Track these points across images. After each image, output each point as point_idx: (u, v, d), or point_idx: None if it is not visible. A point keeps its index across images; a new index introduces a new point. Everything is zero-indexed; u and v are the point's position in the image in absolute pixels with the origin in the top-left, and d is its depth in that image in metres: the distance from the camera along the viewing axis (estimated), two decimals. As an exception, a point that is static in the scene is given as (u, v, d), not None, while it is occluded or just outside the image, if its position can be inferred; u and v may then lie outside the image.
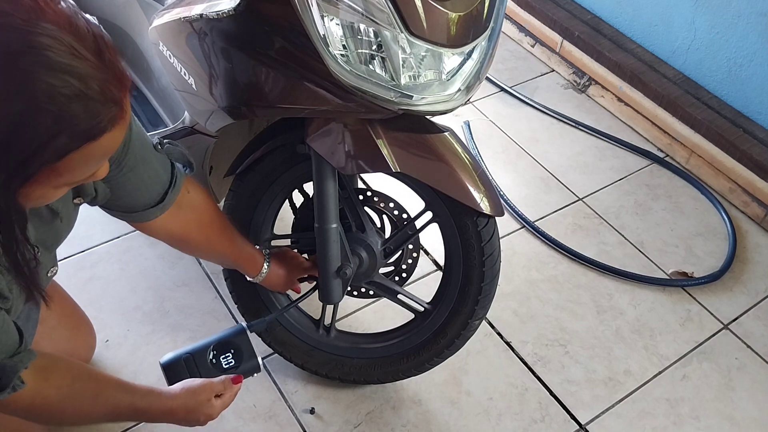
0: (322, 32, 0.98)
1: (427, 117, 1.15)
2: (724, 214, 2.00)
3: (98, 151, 0.73)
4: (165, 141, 1.07)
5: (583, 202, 2.01)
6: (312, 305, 1.58)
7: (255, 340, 1.56)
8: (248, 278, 1.32)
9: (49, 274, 1.03)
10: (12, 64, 0.64)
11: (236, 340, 1.17)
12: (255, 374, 1.17)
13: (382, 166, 1.13)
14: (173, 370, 1.14)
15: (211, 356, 1.15)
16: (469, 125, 2.20)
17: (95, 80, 0.68)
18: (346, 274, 1.27)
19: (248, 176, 1.30)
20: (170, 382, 1.12)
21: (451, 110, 1.11)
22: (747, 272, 1.87)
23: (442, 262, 1.50)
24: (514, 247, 1.87)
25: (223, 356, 1.15)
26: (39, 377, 0.90)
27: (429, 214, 1.28)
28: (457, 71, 1.08)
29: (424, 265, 1.79)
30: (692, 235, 1.95)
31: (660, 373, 1.63)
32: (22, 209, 0.75)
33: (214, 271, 1.71)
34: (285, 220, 1.53)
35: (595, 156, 2.16)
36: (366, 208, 1.34)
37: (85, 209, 1.07)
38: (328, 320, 1.45)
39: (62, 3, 0.68)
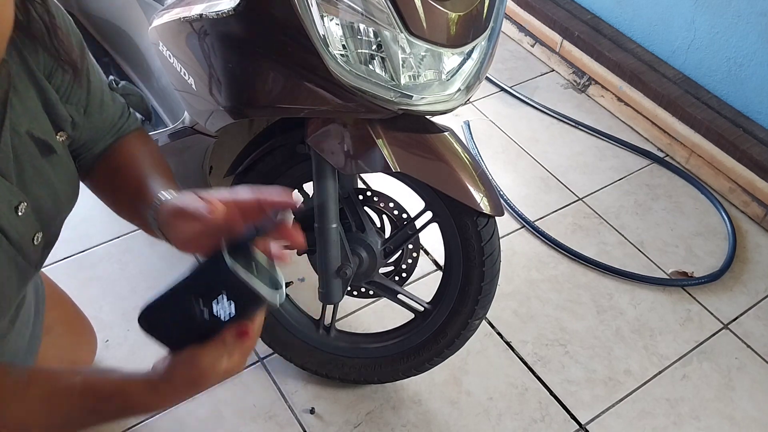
0: (322, 32, 0.98)
1: (427, 117, 1.15)
2: (724, 214, 2.00)
3: None
4: (121, 82, 1.01)
5: (583, 202, 2.01)
6: (312, 305, 1.58)
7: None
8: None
9: (20, 213, 0.80)
10: None
11: (224, 274, 0.72)
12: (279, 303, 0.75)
13: (382, 166, 1.13)
14: (150, 326, 0.76)
15: (197, 304, 0.73)
16: (469, 125, 2.20)
17: None
18: (346, 274, 1.27)
19: (248, 176, 1.30)
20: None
21: (451, 110, 1.11)
22: (747, 272, 1.87)
23: (442, 262, 1.50)
24: (514, 247, 1.87)
25: (215, 303, 0.73)
26: None
27: (429, 214, 1.28)
28: (457, 71, 1.08)
29: (424, 265, 1.79)
30: (692, 235, 1.95)
31: (660, 372, 1.63)
32: None
33: (214, 271, 1.71)
34: (285, 220, 1.53)
35: (595, 156, 2.16)
36: (366, 208, 1.34)
37: (85, 211, 1.07)
38: (328, 320, 1.46)
39: None
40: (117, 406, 0.74)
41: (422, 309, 1.39)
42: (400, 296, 1.39)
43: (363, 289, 1.43)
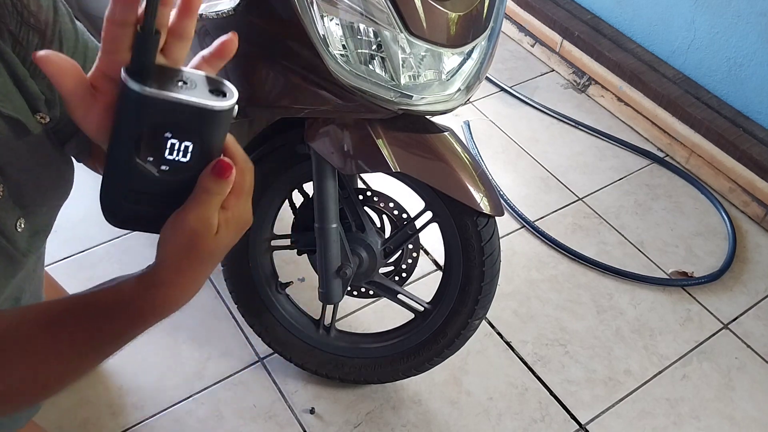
0: (321, 32, 0.98)
1: (427, 117, 1.15)
2: (724, 214, 2.00)
3: None
4: None
5: (583, 201, 2.01)
6: (312, 305, 1.58)
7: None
8: None
9: (18, 229, 0.73)
10: None
11: (151, 111, 0.53)
12: (233, 114, 0.59)
13: (382, 166, 1.13)
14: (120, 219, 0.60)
15: (147, 165, 0.55)
16: (469, 125, 2.20)
17: None
18: (346, 274, 1.27)
19: (248, 176, 1.30)
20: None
21: (451, 110, 1.11)
22: (747, 272, 1.87)
23: (442, 262, 1.50)
24: (514, 247, 1.87)
25: (165, 150, 0.55)
26: None
27: (429, 214, 1.28)
28: (457, 71, 1.08)
29: (424, 265, 1.79)
30: (692, 234, 1.95)
31: (660, 372, 1.63)
32: None
33: (214, 271, 1.71)
34: (285, 220, 1.53)
35: (595, 156, 2.16)
36: (366, 208, 1.34)
37: (85, 211, 1.07)
38: (328, 320, 1.46)
39: None
40: (120, 313, 0.63)
41: (422, 309, 1.39)
42: (400, 296, 1.39)
43: (363, 289, 1.43)
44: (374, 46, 1.00)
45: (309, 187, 1.26)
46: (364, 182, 1.88)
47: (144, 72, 0.53)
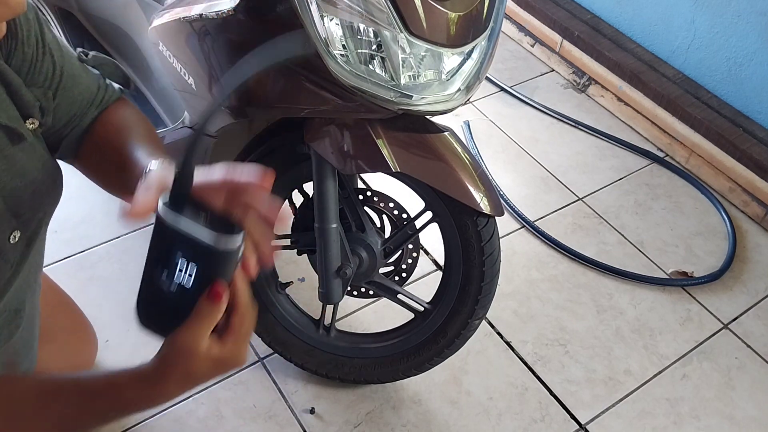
0: (321, 32, 0.98)
1: (427, 117, 1.15)
2: (724, 214, 2.00)
3: None
4: (90, 52, 0.92)
5: (583, 201, 2.01)
6: (312, 305, 1.58)
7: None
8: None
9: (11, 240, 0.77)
10: None
11: (170, 235, 0.65)
12: (239, 255, 0.67)
13: (382, 166, 1.13)
14: (149, 322, 0.71)
15: (164, 277, 0.67)
16: (469, 125, 2.20)
17: None
18: (346, 274, 1.27)
19: (248, 176, 1.30)
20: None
21: (451, 110, 1.11)
22: (747, 272, 1.87)
23: (442, 262, 1.50)
24: (514, 246, 1.87)
25: (176, 269, 0.66)
26: None
27: (429, 214, 1.28)
28: (457, 71, 1.08)
29: (424, 265, 1.79)
30: (692, 234, 1.95)
31: (660, 372, 1.63)
32: None
33: (214, 271, 1.71)
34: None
35: (595, 156, 2.16)
36: (366, 208, 1.34)
37: (85, 211, 1.07)
38: (328, 320, 1.46)
39: None
40: (109, 402, 0.69)
41: (422, 309, 1.39)
42: (400, 296, 1.39)
43: (363, 289, 1.43)
44: (374, 46, 1.00)
45: (309, 187, 1.26)
46: (364, 182, 1.88)
47: (177, 203, 0.65)
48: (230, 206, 0.69)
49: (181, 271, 0.66)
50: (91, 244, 1.74)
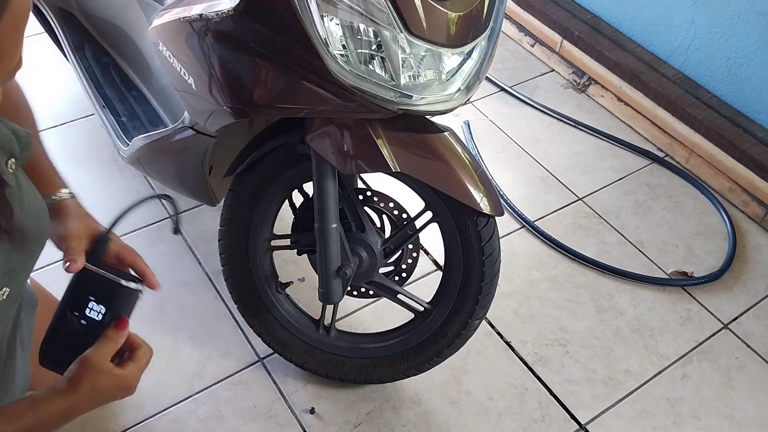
0: (321, 32, 0.98)
1: (427, 117, 1.15)
2: (723, 214, 2.00)
3: (16, 17, 0.64)
4: None
5: (583, 201, 2.01)
6: (312, 305, 1.58)
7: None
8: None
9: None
10: None
11: (87, 282, 0.89)
12: (139, 296, 0.91)
13: (382, 166, 1.13)
14: (52, 360, 0.91)
15: (74, 318, 0.88)
16: (469, 125, 2.20)
17: None
18: (346, 274, 1.27)
19: (248, 176, 1.30)
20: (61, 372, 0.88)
21: (451, 110, 1.11)
22: (747, 272, 1.87)
23: (442, 262, 1.50)
24: (514, 246, 1.87)
25: (87, 309, 0.88)
26: None
27: (429, 214, 1.28)
28: (457, 71, 1.08)
29: (424, 265, 1.79)
30: (692, 234, 1.95)
31: (660, 372, 1.63)
32: None
33: (214, 271, 1.71)
34: (285, 220, 1.53)
35: (594, 156, 2.16)
36: (366, 208, 1.34)
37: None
38: (328, 320, 1.46)
39: None
40: (32, 418, 0.81)
41: (422, 309, 1.39)
42: (400, 296, 1.39)
43: (363, 289, 1.43)
44: (374, 46, 1.00)
45: (309, 187, 1.26)
46: (364, 182, 1.88)
47: (95, 258, 0.92)
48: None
49: (92, 310, 0.88)
50: (91, 244, 1.74)
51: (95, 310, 0.88)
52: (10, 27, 0.64)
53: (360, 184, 1.62)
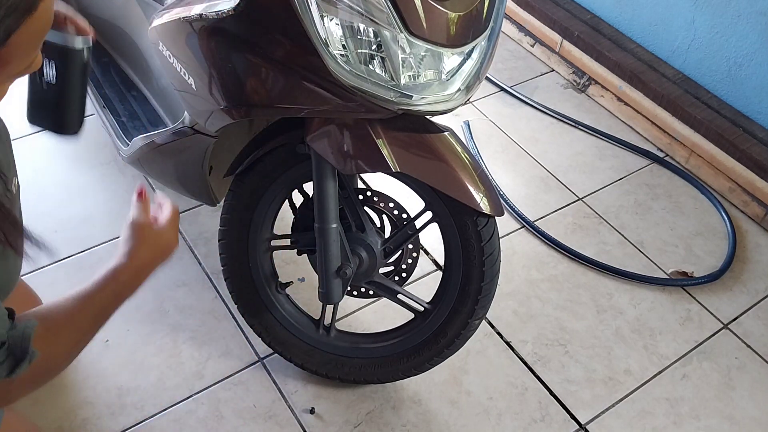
0: (321, 32, 0.98)
1: (427, 117, 1.15)
2: (723, 214, 2.00)
3: (37, 26, 0.70)
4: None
5: (583, 201, 2.01)
6: (312, 305, 1.58)
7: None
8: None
9: None
10: None
11: (45, 49, 0.98)
12: (84, 53, 1.13)
13: (382, 166, 1.13)
14: (36, 119, 1.14)
15: (39, 80, 1.10)
16: (468, 125, 2.20)
17: None
18: (346, 274, 1.27)
19: (248, 176, 1.30)
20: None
21: (451, 110, 1.11)
22: (747, 272, 1.87)
23: (442, 262, 1.50)
24: (514, 246, 1.87)
25: (45, 72, 1.09)
26: (46, 342, 0.86)
27: (429, 214, 1.28)
28: (457, 71, 1.08)
29: (424, 265, 1.79)
30: (692, 234, 1.95)
31: (660, 372, 1.63)
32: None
33: (214, 271, 1.71)
34: (285, 220, 1.53)
35: (594, 156, 2.16)
36: (366, 208, 1.34)
37: (86, 211, 1.06)
38: (328, 320, 1.46)
39: None
40: (114, 287, 0.96)
41: (422, 309, 1.39)
42: (400, 296, 1.39)
43: (363, 289, 1.43)
44: (374, 46, 1.00)
45: (309, 187, 1.26)
46: (364, 182, 1.88)
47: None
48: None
49: (47, 69, 1.05)
50: (91, 244, 1.74)
51: (51, 70, 1.07)
52: (30, 33, 0.69)
53: (360, 184, 1.62)
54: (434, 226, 1.29)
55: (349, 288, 1.41)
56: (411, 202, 1.33)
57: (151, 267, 1.02)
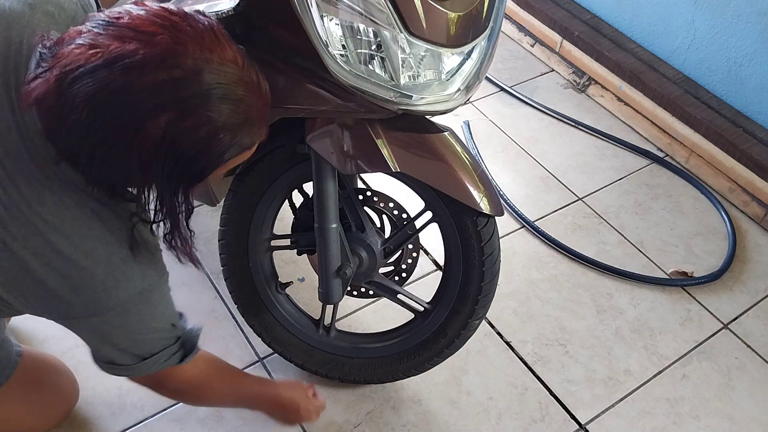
0: (321, 32, 0.98)
1: (427, 117, 1.15)
2: (723, 214, 2.00)
3: (246, 155, 0.92)
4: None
5: (583, 201, 2.01)
6: (312, 305, 1.58)
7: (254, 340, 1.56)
8: None
9: None
10: (206, 98, 0.80)
11: None
12: None
13: (382, 166, 1.13)
14: None
15: None
16: (468, 125, 2.20)
17: (256, 108, 0.87)
18: (346, 274, 1.27)
19: (248, 176, 1.30)
20: None
21: (451, 110, 1.11)
22: (747, 272, 1.87)
23: (442, 262, 1.50)
24: (514, 246, 1.87)
25: None
26: (190, 365, 1.12)
27: (429, 214, 1.28)
28: (457, 71, 1.08)
29: (424, 265, 1.79)
30: (692, 234, 1.95)
31: (660, 372, 1.63)
32: (191, 203, 0.92)
33: (214, 271, 1.71)
34: (285, 220, 1.53)
35: (594, 156, 2.16)
36: (366, 208, 1.34)
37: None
38: (328, 320, 1.46)
39: (235, 44, 0.86)
40: (264, 399, 1.31)
41: (422, 309, 1.39)
42: (400, 296, 1.39)
43: (363, 289, 1.43)
44: (374, 46, 1.00)
45: (309, 187, 1.26)
46: (364, 182, 1.88)
47: None
48: None
49: None
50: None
51: None
52: (240, 159, 0.91)
53: (360, 184, 1.62)
54: (434, 226, 1.29)
55: (349, 288, 1.41)
56: (411, 202, 1.33)
57: (280, 412, 1.34)
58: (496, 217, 1.23)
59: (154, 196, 0.88)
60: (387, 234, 1.38)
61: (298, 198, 1.38)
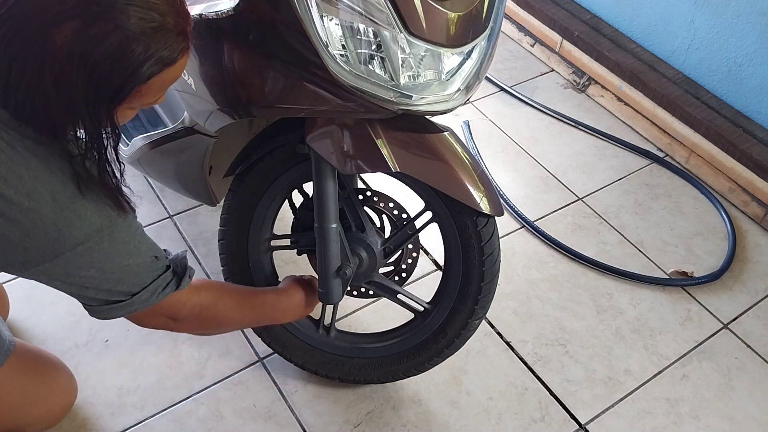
0: (321, 33, 0.98)
1: (427, 117, 1.15)
2: (723, 214, 2.00)
3: (170, 76, 0.88)
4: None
5: (583, 201, 2.01)
6: (312, 305, 1.58)
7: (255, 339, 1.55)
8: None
9: None
10: (111, 5, 0.78)
11: None
12: None
13: (381, 166, 1.13)
14: None
15: None
16: (468, 125, 2.20)
17: (170, 15, 0.83)
18: (346, 274, 1.27)
19: (248, 176, 1.30)
20: None
21: (451, 110, 1.11)
22: (747, 272, 1.87)
23: (442, 262, 1.50)
24: (514, 246, 1.87)
25: None
26: (191, 290, 1.12)
27: (429, 214, 1.29)
28: (457, 71, 1.08)
29: (424, 265, 1.79)
30: (692, 234, 1.95)
31: (660, 372, 1.63)
32: (117, 127, 0.90)
33: (214, 271, 1.71)
34: (285, 220, 1.53)
35: (594, 155, 2.16)
36: (366, 208, 1.34)
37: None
38: (328, 320, 1.46)
39: None
40: (279, 309, 1.30)
41: (422, 309, 1.39)
42: (400, 296, 1.39)
43: (363, 289, 1.43)
44: (374, 46, 1.00)
45: (309, 187, 1.26)
46: (364, 182, 1.88)
47: None
48: None
49: None
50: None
51: None
52: (165, 79, 0.87)
53: (360, 184, 1.62)
54: (434, 226, 1.29)
55: (349, 288, 1.41)
56: (411, 202, 1.33)
57: (298, 312, 1.34)
58: (496, 217, 1.23)
59: (80, 126, 0.86)
60: (387, 234, 1.38)
61: (298, 198, 1.38)
